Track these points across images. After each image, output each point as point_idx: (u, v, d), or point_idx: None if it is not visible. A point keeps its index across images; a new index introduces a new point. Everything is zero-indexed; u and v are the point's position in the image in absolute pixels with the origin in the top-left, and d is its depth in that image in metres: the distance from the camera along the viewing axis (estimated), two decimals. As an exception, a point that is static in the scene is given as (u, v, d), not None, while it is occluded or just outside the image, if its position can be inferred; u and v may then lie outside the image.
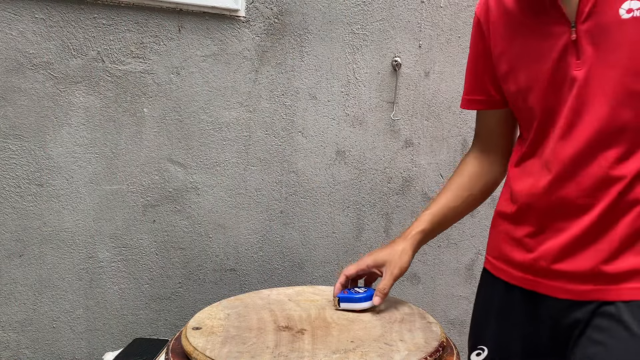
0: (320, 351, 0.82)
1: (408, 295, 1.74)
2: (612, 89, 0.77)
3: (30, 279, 1.37)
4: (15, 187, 1.33)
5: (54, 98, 1.33)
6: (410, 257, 0.99)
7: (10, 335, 1.37)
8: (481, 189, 1.03)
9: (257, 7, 1.47)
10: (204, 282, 1.52)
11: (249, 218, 1.54)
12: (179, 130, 1.44)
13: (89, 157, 1.38)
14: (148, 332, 1.48)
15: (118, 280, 1.44)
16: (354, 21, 1.57)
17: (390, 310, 1.01)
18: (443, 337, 0.89)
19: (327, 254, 1.64)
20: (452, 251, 1.77)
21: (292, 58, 1.52)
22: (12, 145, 1.31)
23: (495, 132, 1.01)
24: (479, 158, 1.03)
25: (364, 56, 1.59)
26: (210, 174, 1.49)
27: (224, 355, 0.80)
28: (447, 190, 1.03)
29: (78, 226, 1.39)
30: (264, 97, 1.51)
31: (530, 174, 0.88)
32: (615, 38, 0.75)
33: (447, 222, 1.04)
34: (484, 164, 1.03)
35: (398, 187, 1.68)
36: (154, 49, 1.39)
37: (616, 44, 0.76)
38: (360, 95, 1.60)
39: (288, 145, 1.55)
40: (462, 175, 1.04)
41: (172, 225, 1.47)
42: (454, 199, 1.02)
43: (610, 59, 0.76)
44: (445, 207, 1.02)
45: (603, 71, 0.77)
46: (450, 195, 1.02)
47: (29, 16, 1.28)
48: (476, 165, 1.03)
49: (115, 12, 1.35)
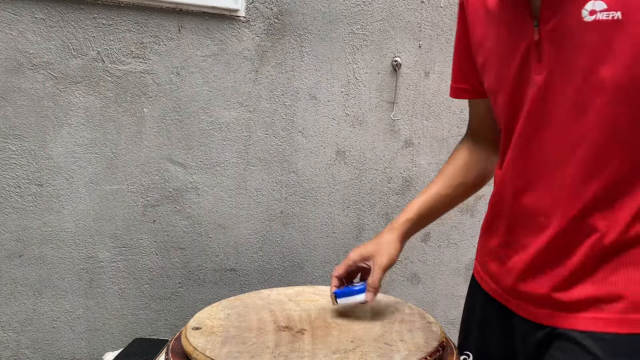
0: (320, 351, 0.82)
1: (408, 295, 1.74)
2: (571, 99, 0.69)
3: (30, 279, 1.37)
4: (15, 187, 1.33)
5: (54, 98, 1.33)
6: (397, 246, 0.94)
7: (10, 335, 1.37)
8: (474, 179, 0.99)
9: (257, 7, 1.47)
10: (204, 282, 1.52)
11: (249, 218, 1.54)
12: (179, 130, 1.44)
13: (89, 157, 1.38)
14: (148, 332, 1.48)
15: (118, 280, 1.44)
16: (354, 21, 1.57)
17: (390, 310, 1.01)
18: (443, 337, 0.89)
19: (327, 254, 1.64)
20: (452, 251, 1.77)
21: (292, 58, 1.52)
22: (12, 145, 1.31)
23: (486, 122, 0.96)
24: (471, 148, 1.00)
25: (364, 56, 1.59)
26: (210, 174, 1.49)
27: (223, 355, 0.80)
28: (439, 179, 0.99)
29: (78, 226, 1.39)
30: (264, 97, 1.51)
31: (500, 181, 0.84)
32: (576, 42, 0.68)
33: (437, 211, 0.99)
34: (476, 154, 0.98)
35: (398, 187, 1.68)
36: (154, 49, 1.39)
37: (576, 49, 0.68)
38: (360, 95, 1.60)
39: (288, 145, 1.55)
40: (453, 164, 1.00)
41: (172, 225, 1.47)
42: (445, 187, 0.98)
43: (569, 66, 0.69)
44: (436, 194, 0.97)
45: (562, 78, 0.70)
46: (442, 184, 0.98)
47: (29, 16, 1.28)
48: (468, 155, 0.99)
49: (115, 12, 1.35)
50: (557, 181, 0.73)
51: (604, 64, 0.66)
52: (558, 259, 0.74)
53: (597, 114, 0.68)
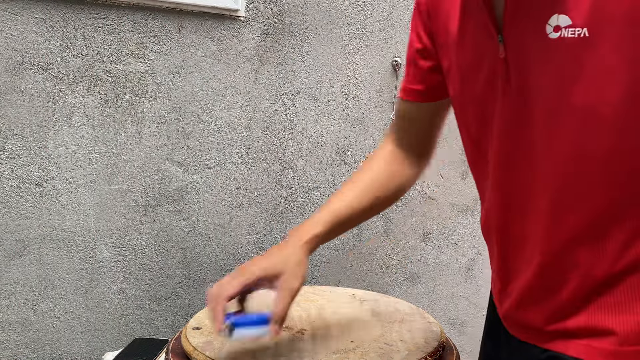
0: (320, 351, 0.82)
1: (408, 295, 1.74)
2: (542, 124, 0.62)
3: (30, 279, 1.37)
4: (15, 187, 1.33)
5: (54, 98, 1.33)
6: (306, 267, 0.77)
7: (10, 335, 1.37)
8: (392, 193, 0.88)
9: (257, 7, 1.47)
10: (204, 282, 1.52)
11: (249, 218, 1.54)
12: (179, 130, 1.44)
13: (89, 157, 1.38)
14: (148, 332, 1.48)
15: (118, 280, 1.44)
16: (354, 21, 1.57)
17: (390, 310, 1.01)
18: (443, 337, 0.89)
19: (327, 254, 1.64)
20: (452, 251, 1.77)
21: (292, 58, 1.52)
22: (12, 145, 1.31)
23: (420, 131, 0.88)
24: (393, 158, 0.89)
25: (364, 56, 1.59)
26: (210, 174, 1.49)
27: (223, 355, 0.80)
28: (355, 187, 0.86)
29: (78, 226, 1.39)
30: (264, 97, 1.51)
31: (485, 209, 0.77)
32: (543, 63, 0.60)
33: (349, 225, 0.85)
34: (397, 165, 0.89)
35: (398, 187, 1.68)
36: (154, 49, 1.39)
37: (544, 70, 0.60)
38: (360, 95, 1.60)
39: (288, 145, 1.55)
40: (370, 174, 0.87)
41: (172, 225, 1.47)
42: (361, 200, 0.84)
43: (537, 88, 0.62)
44: (349, 207, 0.83)
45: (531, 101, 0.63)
46: (358, 195, 0.85)
47: (29, 16, 1.28)
48: (388, 166, 0.88)
49: (115, 12, 1.35)
50: (537, 212, 0.67)
51: (574, 87, 0.59)
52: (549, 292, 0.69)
53: (569, 142, 0.61)
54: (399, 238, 1.71)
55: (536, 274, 0.69)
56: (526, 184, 0.67)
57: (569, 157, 0.62)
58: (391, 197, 0.88)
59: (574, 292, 0.67)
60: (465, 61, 0.70)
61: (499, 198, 0.72)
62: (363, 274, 1.69)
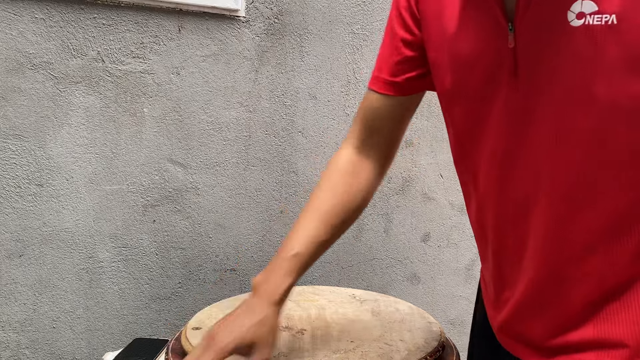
0: (320, 351, 0.82)
1: (408, 295, 1.74)
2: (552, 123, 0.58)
3: (30, 279, 1.37)
4: (15, 187, 1.33)
5: (54, 98, 1.33)
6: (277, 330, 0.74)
7: (10, 335, 1.37)
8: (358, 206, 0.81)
9: (257, 7, 1.47)
10: (204, 282, 1.52)
11: (249, 218, 1.54)
12: (179, 130, 1.44)
13: (89, 157, 1.38)
14: (148, 332, 1.48)
15: (118, 280, 1.44)
16: (354, 21, 1.57)
17: (390, 310, 1.01)
18: (443, 337, 0.89)
19: (327, 254, 1.62)
20: (452, 251, 1.77)
21: (292, 58, 1.52)
22: (12, 145, 1.31)
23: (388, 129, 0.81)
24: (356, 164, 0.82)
25: (364, 56, 1.59)
26: (210, 174, 1.49)
27: (224, 355, 0.80)
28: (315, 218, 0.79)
29: (78, 226, 1.39)
30: (264, 97, 1.51)
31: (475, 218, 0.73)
32: (561, 53, 0.56)
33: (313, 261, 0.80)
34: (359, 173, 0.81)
35: (398, 187, 1.68)
36: (154, 49, 1.39)
37: (561, 61, 0.56)
38: (360, 95, 1.60)
39: (288, 145, 1.55)
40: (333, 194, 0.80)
41: (172, 225, 1.47)
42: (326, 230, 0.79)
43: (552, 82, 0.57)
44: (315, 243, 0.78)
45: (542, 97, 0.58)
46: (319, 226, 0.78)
47: (29, 16, 1.28)
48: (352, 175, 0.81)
49: (115, 12, 1.35)
50: (540, 215, 0.62)
51: (595, 78, 0.54)
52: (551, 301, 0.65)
53: (584, 139, 0.57)
54: (399, 238, 1.71)
55: (538, 282, 0.65)
56: (529, 185, 0.63)
57: (583, 155, 0.58)
58: (357, 212, 0.83)
59: (582, 302, 0.63)
60: (461, 54, 0.65)
61: (495, 199, 0.68)
62: (363, 274, 1.69)
